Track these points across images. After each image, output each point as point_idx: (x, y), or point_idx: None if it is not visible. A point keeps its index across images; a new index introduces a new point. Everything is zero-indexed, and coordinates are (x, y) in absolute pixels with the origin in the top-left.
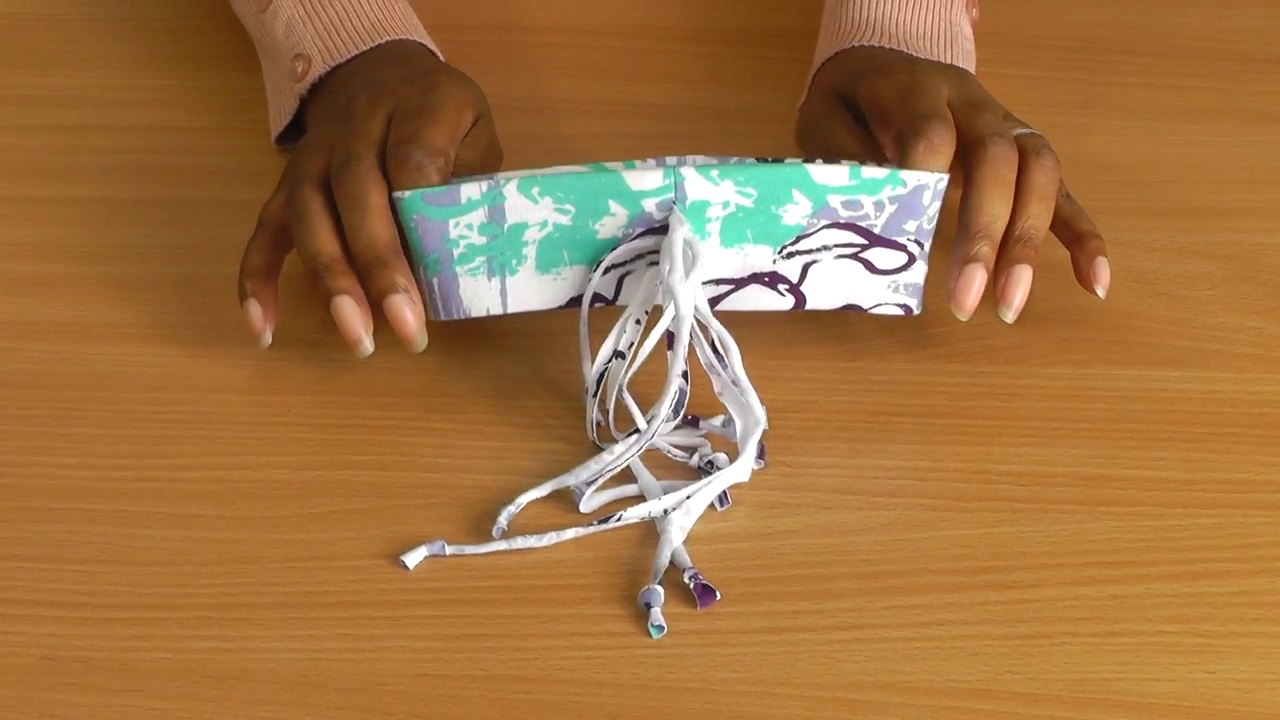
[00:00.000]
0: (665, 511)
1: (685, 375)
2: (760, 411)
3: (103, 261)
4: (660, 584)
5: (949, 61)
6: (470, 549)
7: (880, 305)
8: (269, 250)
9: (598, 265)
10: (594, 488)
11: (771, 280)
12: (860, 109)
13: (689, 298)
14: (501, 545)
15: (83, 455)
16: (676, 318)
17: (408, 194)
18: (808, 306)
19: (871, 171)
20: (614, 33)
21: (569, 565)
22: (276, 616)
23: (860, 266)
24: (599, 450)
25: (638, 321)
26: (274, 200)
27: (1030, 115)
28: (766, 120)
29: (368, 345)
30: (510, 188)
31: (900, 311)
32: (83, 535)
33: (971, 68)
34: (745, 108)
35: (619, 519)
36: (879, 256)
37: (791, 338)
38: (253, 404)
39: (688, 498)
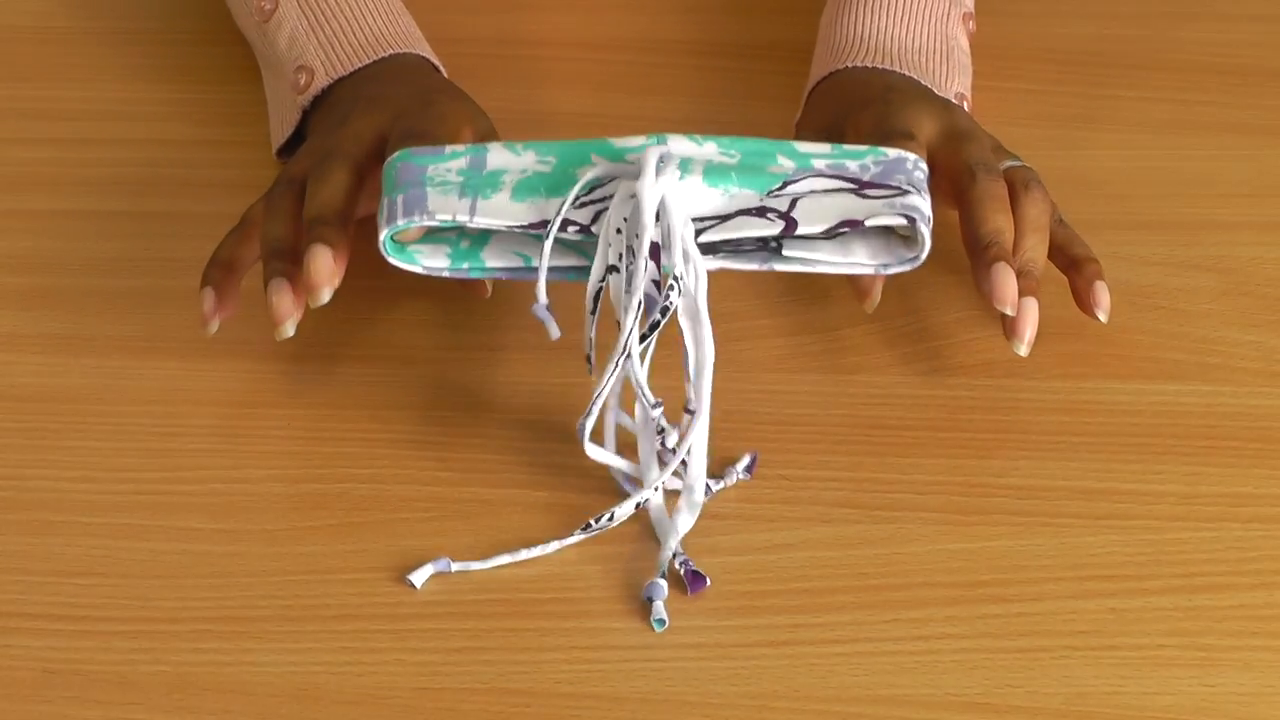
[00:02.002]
0: (656, 489)
1: (656, 285)
2: (710, 345)
3: (102, 275)
4: (664, 577)
5: (944, 75)
6: (476, 565)
7: (877, 216)
8: (239, 245)
9: (571, 202)
10: (591, 417)
11: (760, 211)
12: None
13: (654, 199)
14: (505, 559)
15: (81, 468)
16: (640, 221)
17: (396, 152)
18: (799, 231)
19: (853, 147)
20: (614, 46)
21: (567, 578)
22: (275, 630)
23: (851, 195)
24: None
25: (618, 231)
26: (258, 201)
27: (1028, 129)
28: (769, 134)
29: (287, 330)
30: (495, 145)
31: (903, 220)
32: (81, 548)
33: (968, 81)
34: (745, 121)
35: (611, 517)
36: (872, 191)
37: (790, 352)
38: (252, 417)
39: (675, 473)
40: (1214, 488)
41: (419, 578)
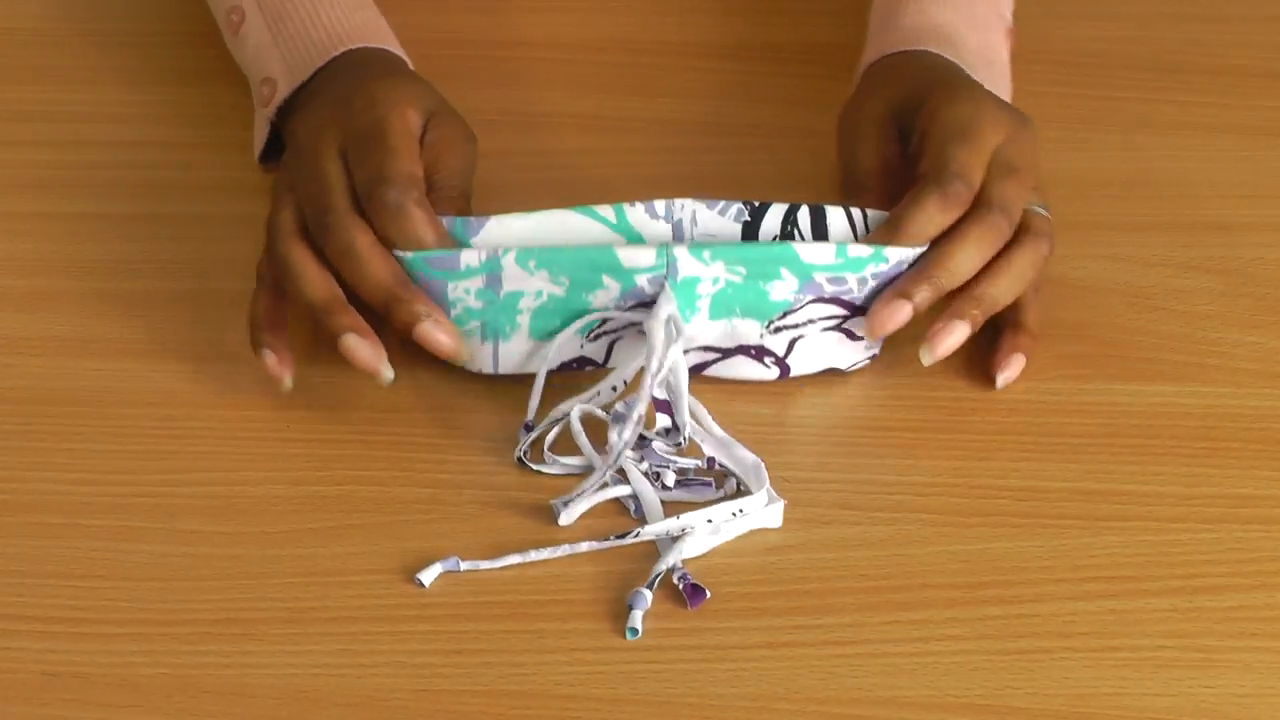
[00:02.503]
0: (684, 531)
1: (636, 420)
2: (752, 457)
3: (100, 277)
4: (651, 588)
5: (994, 84)
6: (485, 564)
7: (856, 364)
8: (270, 298)
9: (589, 332)
10: (573, 504)
11: (758, 353)
12: (912, 126)
13: (658, 358)
14: (514, 559)
15: (81, 471)
16: (645, 377)
17: (409, 255)
18: (791, 375)
19: (857, 250)
20: (615, 47)
21: (568, 580)
22: (276, 632)
23: (842, 335)
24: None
25: (614, 389)
26: (263, 256)
27: None
28: (767, 135)
29: (386, 374)
30: (508, 259)
31: (869, 362)
32: (81, 551)
33: (1008, 95)
34: (745, 122)
35: (636, 535)
36: (858, 324)
37: None
38: (252, 419)
39: (710, 520)
40: (1214, 489)
41: (428, 576)
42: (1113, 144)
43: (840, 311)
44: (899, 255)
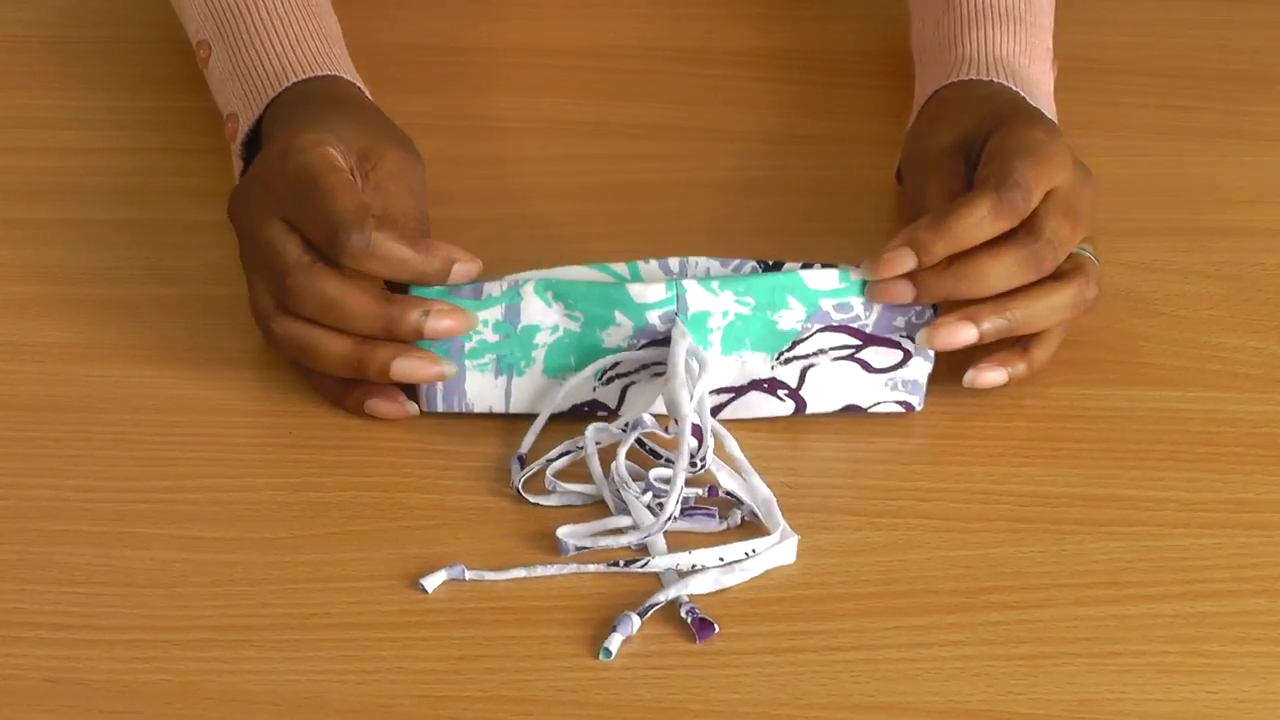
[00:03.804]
0: (693, 567)
1: (681, 488)
2: (765, 490)
3: (102, 284)
4: (641, 616)
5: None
6: (490, 575)
7: (879, 404)
8: (323, 376)
9: (601, 375)
10: (583, 545)
11: (771, 386)
12: (979, 154)
13: (689, 405)
14: (520, 572)
15: (83, 477)
16: (680, 424)
17: (433, 291)
18: (808, 411)
19: (859, 273)
20: (609, 54)
21: (570, 587)
22: (277, 638)
23: (857, 367)
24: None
25: (623, 429)
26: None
27: None
28: (759, 140)
29: (450, 368)
30: (528, 289)
31: (900, 409)
32: (83, 557)
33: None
34: (740, 128)
35: (644, 565)
36: (874, 356)
37: None
38: (254, 425)
39: (721, 559)
40: (1216, 494)
41: (431, 583)
42: (1114, 149)
43: (851, 341)
44: None
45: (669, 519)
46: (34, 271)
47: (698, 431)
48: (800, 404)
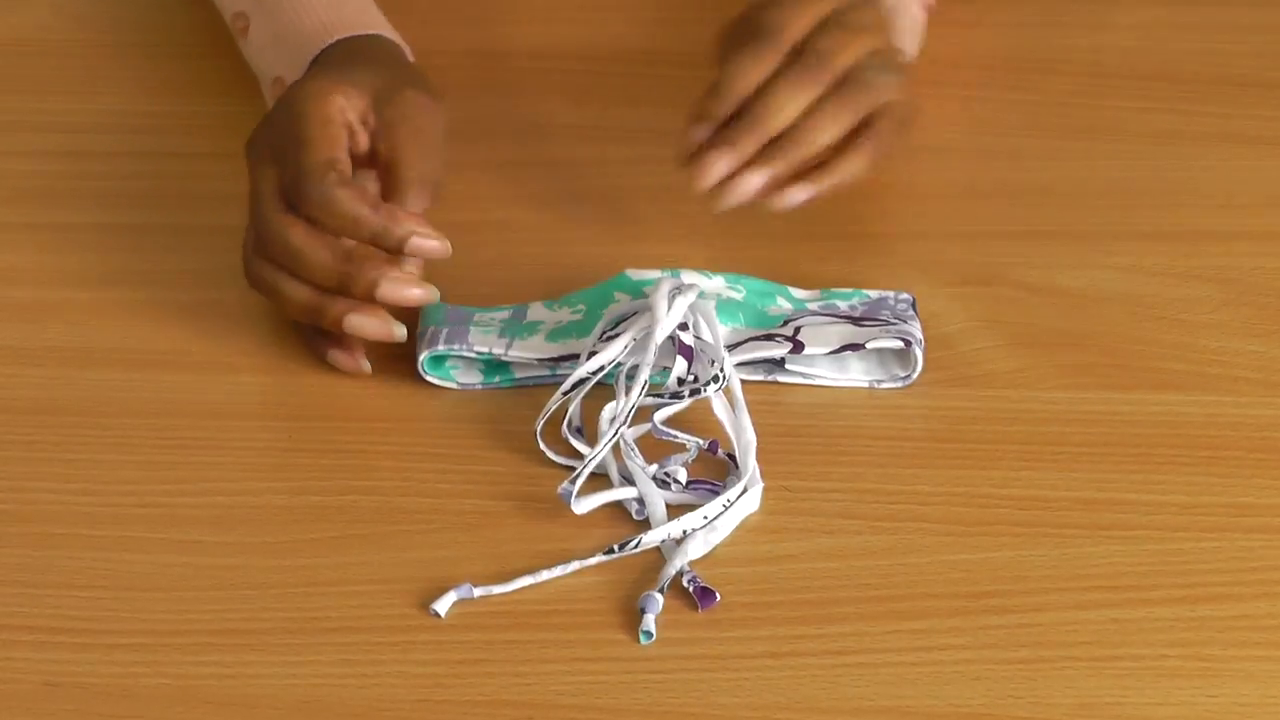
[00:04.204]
0: (684, 533)
1: (680, 381)
2: (751, 433)
3: (103, 287)
4: (662, 592)
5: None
6: (498, 589)
7: (877, 340)
8: (305, 301)
9: (602, 334)
10: (577, 484)
11: (767, 336)
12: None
13: (664, 302)
14: (526, 581)
15: (84, 481)
16: (652, 318)
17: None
18: (806, 351)
19: (840, 291)
20: (610, 58)
21: (569, 589)
22: (277, 642)
23: (850, 324)
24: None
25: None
26: (250, 245)
27: (1030, 139)
28: None
29: (399, 331)
30: (535, 303)
31: (900, 344)
32: (84, 561)
33: (914, 47)
34: None
35: (637, 544)
36: (866, 322)
37: None
38: (254, 429)
39: (705, 517)
40: (1216, 498)
41: (442, 606)
42: (1113, 153)
43: (840, 319)
44: (879, 293)
45: (637, 400)
46: (34, 276)
47: (687, 351)
48: (798, 346)
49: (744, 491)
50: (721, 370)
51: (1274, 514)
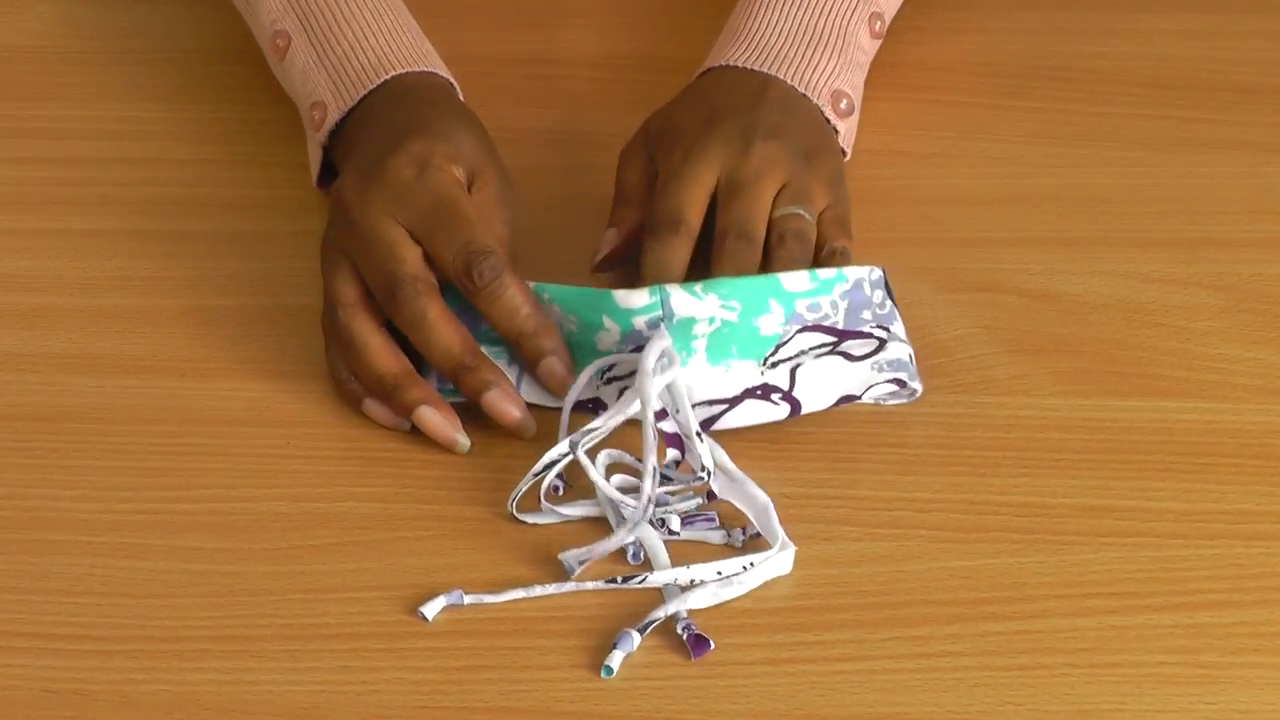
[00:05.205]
0: (692, 582)
1: (654, 471)
2: (763, 496)
3: (101, 294)
4: (641, 633)
5: (816, 64)
6: (489, 598)
7: (872, 388)
8: (374, 370)
9: (602, 375)
10: (586, 561)
11: (764, 392)
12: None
13: (653, 391)
14: (518, 594)
15: (82, 487)
16: (643, 411)
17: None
18: (803, 411)
19: (825, 273)
20: (608, 65)
21: (569, 600)
22: (276, 649)
23: (840, 359)
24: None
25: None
26: (331, 317)
27: (1029, 146)
28: None
29: (463, 442)
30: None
31: (894, 387)
32: (82, 567)
33: (856, 79)
34: None
35: (643, 580)
36: (853, 347)
37: None
38: (252, 436)
39: (720, 573)
40: (1214, 504)
41: (430, 610)
42: (1112, 160)
43: (828, 338)
44: (855, 274)
45: (647, 505)
46: (32, 282)
47: (677, 441)
48: (795, 405)
49: (776, 553)
50: (705, 469)
51: (1273, 521)
